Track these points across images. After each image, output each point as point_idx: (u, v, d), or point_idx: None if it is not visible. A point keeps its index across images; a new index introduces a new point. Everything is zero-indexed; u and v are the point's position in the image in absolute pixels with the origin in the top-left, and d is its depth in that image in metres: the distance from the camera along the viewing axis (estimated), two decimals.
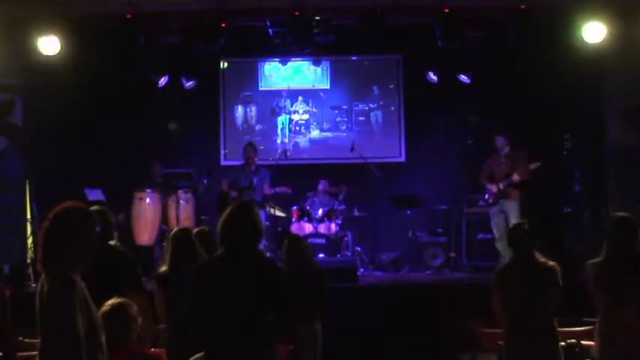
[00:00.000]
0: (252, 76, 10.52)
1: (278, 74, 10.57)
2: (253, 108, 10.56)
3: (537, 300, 4.39)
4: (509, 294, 4.44)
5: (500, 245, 8.09)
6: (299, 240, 5.60)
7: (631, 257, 4.21)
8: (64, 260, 2.94)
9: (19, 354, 3.94)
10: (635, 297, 4.16)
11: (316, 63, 10.12)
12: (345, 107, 10.58)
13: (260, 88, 10.56)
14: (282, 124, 10.54)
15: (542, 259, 4.46)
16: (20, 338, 4.48)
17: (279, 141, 10.44)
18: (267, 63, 10.41)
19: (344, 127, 10.54)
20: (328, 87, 10.56)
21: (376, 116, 10.52)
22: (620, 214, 4.43)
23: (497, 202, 8.28)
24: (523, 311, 4.38)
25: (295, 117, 10.56)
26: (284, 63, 10.07)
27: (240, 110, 10.56)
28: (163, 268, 4.83)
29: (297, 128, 10.56)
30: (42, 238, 2.99)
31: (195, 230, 5.15)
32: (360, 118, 10.55)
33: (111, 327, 3.28)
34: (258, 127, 10.50)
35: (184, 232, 4.88)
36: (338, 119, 10.58)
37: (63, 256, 2.94)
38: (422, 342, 6.42)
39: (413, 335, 6.49)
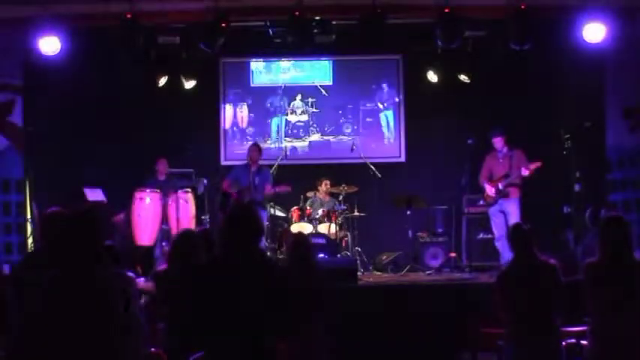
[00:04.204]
0: (244, 72, 10.06)
1: (272, 68, 10.08)
2: (244, 108, 10.11)
3: (539, 300, 4.38)
4: (511, 294, 4.44)
5: (500, 245, 8.09)
6: (303, 239, 5.58)
7: (626, 257, 4.21)
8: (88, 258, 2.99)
9: None
10: (631, 298, 4.15)
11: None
12: (350, 107, 10.18)
13: (252, 85, 10.08)
14: (277, 126, 10.12)
15: (543, 259, 4.47)
16: None
17: (273, 146, 9.99)
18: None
19: (349, 130, 10.12)
20: (331, 83, 10.10)
21: (386, 117, 10.18)
22: (611, 214, 4.46)
23: (497, 202, 8.29)
24: (526, 311, 4.38)
25: (292, 118, 10.11)
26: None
27: (229, 111, 10.07)
28: (162, 267, 4.86)
29: (295, 131, 10.10)
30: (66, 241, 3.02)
31: (197, 230, 5.18)
32: (368, 119, 10.16)
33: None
34: (249, 129, 10.07)
35: (184, 233, 4.94)
36: (342, 120, 10.14)
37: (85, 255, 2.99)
38: (422, 342, 6.42)
39: (413, 335, 6.49)
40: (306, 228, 8.64)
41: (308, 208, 8.92)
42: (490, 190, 8.30)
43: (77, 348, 2.90)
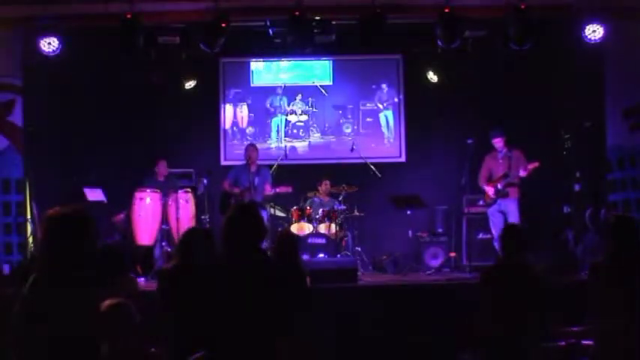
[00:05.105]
0: (244, 72, 10.05)
1: (272, 68, 10.07)
2: (244, 108, 10.08)
3: (520, 302, 4.37)
4: (494, 294, 4.44)
5: (499, 245, 8.09)
6: (289, 236, 5.60)
7: (633, 257, 4.20)
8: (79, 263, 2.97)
9: None
10: (637, 297, 4.15)
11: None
12: (350, 107, 10.15)
13: (252, 85, 10.06)
14: (277, 126, 10.08)
15: (530, 263, 4.46)
16: None
17: (273, 146, 9.99)
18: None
19: (349, 130, 10.10)
20: (331, 82, 10.09)
21: (386, 117, 10.15)
22: (620, 214, 4.44)
23: (496, 202, 8.29)
24: (507, 312, 4.37)
25: (292, 118, 10.08)
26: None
27: (229, 111, 10.05)
28: (165, 266, 4.87)
29: (295, 131, 10.07)
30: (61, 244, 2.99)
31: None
32: (368, 120, 10.15)
33: (111, 326, 3.28)
34: (249, 129, 10.05)
35: (189, 231, 4.96)
36: (342, 120, 10.13)
37: (77, 260, 2.96)
38: (422, 342, 6.41)
39: (413, 335, 6.48)
40: (306, 228, 8.66)
41: (308, 208, 8.92)
42: (490, 191, 8.31)
43: (69, 350, 2.89)
